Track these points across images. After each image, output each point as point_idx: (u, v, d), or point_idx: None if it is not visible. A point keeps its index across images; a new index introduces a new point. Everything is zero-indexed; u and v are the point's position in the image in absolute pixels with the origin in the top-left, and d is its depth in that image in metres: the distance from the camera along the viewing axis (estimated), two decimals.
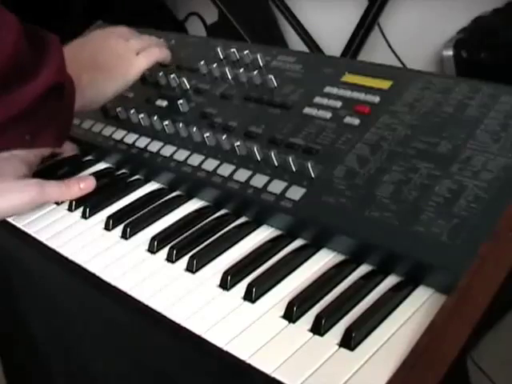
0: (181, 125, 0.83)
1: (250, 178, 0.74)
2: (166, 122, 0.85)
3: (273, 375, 0.55)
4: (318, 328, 0.58)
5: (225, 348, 0.59)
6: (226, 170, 0.77)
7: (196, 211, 0.78)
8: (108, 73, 0.84)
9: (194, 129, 0.82)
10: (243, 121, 0.82)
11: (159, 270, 0.70)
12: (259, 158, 0.76)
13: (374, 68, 0.83)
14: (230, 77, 0.89)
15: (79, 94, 0.77)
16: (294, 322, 0.60)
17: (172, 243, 0.72)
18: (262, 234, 0.72)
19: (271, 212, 0.72)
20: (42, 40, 0.72)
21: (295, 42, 1.43)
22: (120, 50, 0.87)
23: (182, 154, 0.81)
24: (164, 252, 0.72)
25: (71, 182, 0.82)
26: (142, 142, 0.86)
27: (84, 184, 0.82)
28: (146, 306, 0.65)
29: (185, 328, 0.62)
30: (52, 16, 1.38)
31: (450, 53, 1.10)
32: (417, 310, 0.59)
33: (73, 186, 0.82)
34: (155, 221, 0.77)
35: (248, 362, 0.57)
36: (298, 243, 0.70)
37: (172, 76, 0.93)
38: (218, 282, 0.66)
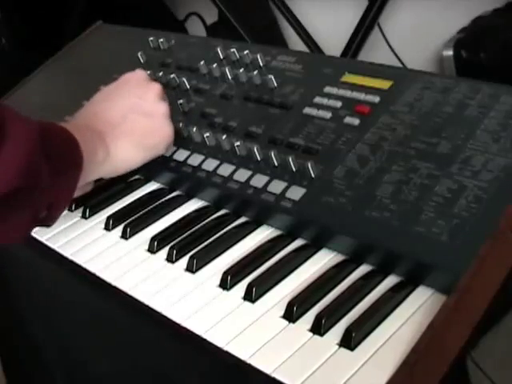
0: (181, 125, 0.83)
1: (250, 178, 0.74)
2: None
3: (273, 375, 0.55)
4: (318, 328, 0.58)
5: (225, 348, 0.59)
6: (226, 169, 0.77)
7: (196, 211, 0.78)
8: (138, 142, 0.76)
9: (194, 129, 0.82)
10: (243, 121, 0.82)
11: (159, 270, 0.70)
12: (259, 158, 0.76)
13: (374, 68, 0.83)
14: (230, 77, 0.89)
15: (94, 168, 0.72)
16: (293, 322, 0.60)
17: (172, 243, 0.72)
18: (262, 234, 0.72)
19: (271, 212, 0.72)
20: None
21: (295, 42, 1.43)
22: (154, 117, 0.77)
23: (182, 154, 0.81)
24: (164, 252, 0.72)
25: None
26: None
27: None
28: (146, 306, 0.65)
29: (185, 328, 0.62)
30: (52, 16, 1.38)
31: (450, 53, 1.09)
32: (417, 310, 0.59)
33: None
34: (155, 221, 0.77)
35: (248, 362, 0.57)
36: (298, 243, 0.70)
37: (172, 76, 0.93)
38: (218, 282, 0.66)
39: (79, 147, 0.69)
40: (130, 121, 0.76)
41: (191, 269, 0.68)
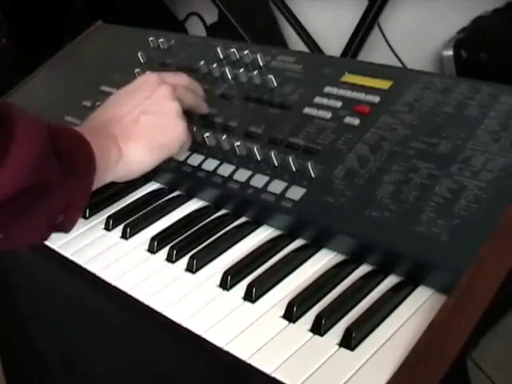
0: None
1: (250, 178, 0.74)
2: None
3: (273, 375, 0.55)
4: (318, 328, 0.58)
5: (225, 348, 0.59)
6: (226, 169, 0.77)
7: (196, 211, 0.78)
8: (151, 143, 0.75)
9: (195, 129, 0.82)
10: (243, 121, 0.82)
11: (159, 270, 0.70)
12: (259, 158, 0.76)
13: (374, 68, 0.83)
14: (230, 77, 0.89)
15: (107, 171, 0.71)
16: (294, 322, 0.60)
17: (172, 243, 0.72)
18: (262, 234, 0.72)
19: (271, 212, 0.72)
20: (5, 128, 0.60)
21: (295, 42, 1.43)
22: (164, 117, 0.77)
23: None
24: (164, 252, 0.72)
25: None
26: None
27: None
28: (146, 306, 0.65)
29: (185, 328, 0.62)
30: (52, 16, 1.38)
31: (450, 53, 1.09)
32: (417, 310, 0.59)
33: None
34: (155, 221, 0.77)
35: (248, 361, 0.57)
36: (298, 243, 0.70)
37: None
38: (218, 282, 0.66)
39: (91, 148, 0.68)
40: (141, 122, 0.76)
41: (191, 269, 0.68)
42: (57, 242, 0.77)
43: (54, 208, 0.65)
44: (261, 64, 0.89)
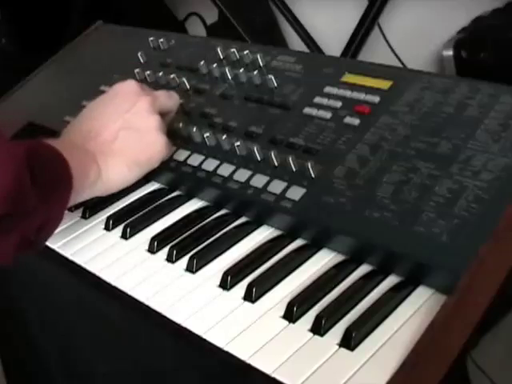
0: (181, 125, 0.83)
1: (250, 177, 0.74)
2: None
3: (273, 375, 0.55)
4: (318, 328, 0.58)
5: (225, 348, 0.59)
6: (226, 169, 0.77)
7: (196, 211, 0.78)
8: (131, 160, 0.75)
9: (194, 129, 0.82)
10: (243, 121, 0.82)
11: (159, 270, 0.70)
12: (259, 158, 0.76)
13: (374, 68, 0.83)
14: (229, 77, 0.89)
15: (86, 188, 0.71)
16: (294, 322, 0.60)
17: (172, 243, 0.72)
18: (262, 234, 0.72)
19: (271, 212, 0.72)
20: None
21: (295, 42, 1.43)
22: (144, 132, 0.75)
23: (182, 154, 0.81)
24: (164, 252, 0.71)
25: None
26: None
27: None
28: (146, 306, 0.65)
29: (185, 328, 0.62)
30: (52, 16, 1.38)
31: (450, 53, 1.09)
32: (417, 310, 0.59)
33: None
34: (155, 221, 0.77)
35: (248, 362, 0.57)
36: (298, 243, 0.70)
37: (172, 76, 0.93)
38: (218, 282, 0.66)
39: (69, 168, 0.67)
40: (120, 139, 0.75)
41: (191, 269, 0.68)
42: (57, 242, 0.77)
43: (28, 230, 0.64)
44: (261, 64, 0.89)
